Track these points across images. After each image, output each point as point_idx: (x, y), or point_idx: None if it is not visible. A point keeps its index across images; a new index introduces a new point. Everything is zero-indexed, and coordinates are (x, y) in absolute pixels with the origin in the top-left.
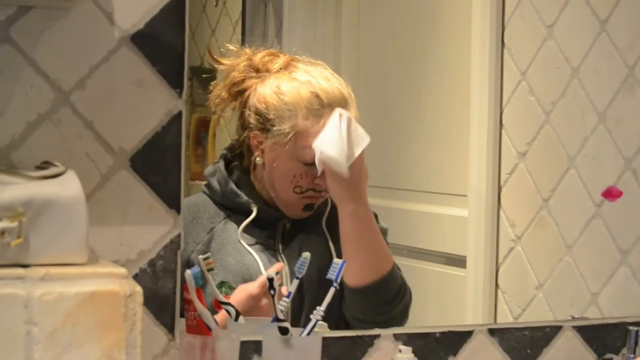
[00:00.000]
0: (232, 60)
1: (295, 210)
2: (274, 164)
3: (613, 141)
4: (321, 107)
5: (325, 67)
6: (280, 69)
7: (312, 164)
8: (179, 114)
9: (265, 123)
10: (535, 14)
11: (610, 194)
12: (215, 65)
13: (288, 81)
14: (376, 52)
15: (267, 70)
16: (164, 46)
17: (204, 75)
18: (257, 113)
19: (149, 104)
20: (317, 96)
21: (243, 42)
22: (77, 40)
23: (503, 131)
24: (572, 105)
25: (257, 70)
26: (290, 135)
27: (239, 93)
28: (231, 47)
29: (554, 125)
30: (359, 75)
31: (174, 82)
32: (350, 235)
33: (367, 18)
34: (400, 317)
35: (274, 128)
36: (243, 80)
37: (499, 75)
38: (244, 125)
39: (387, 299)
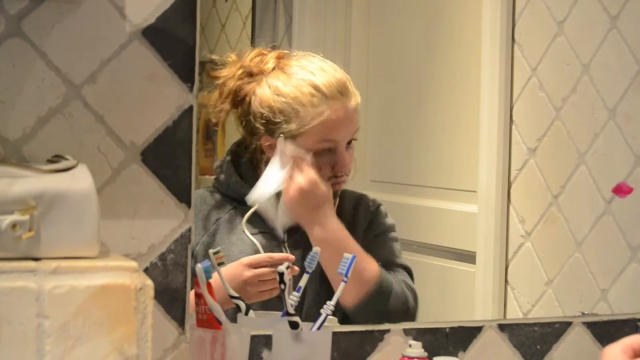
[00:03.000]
0: (227, 70)
1: None
2: None
3: (623, 137)
4: (324, 99)
5: (314, 55)
6: (274, 68)
7: (327, 151)
8: (190, 108)
9: (271, 125)
10: (545, 10)
11: (621, 190)
12: (214, 81)
13: (286, 80)
14: (386, 48)
15: (261, 72)
16: (175, 40)
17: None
18: (263, 117)
19: (160, 98)
20: (317, 89)
21: (253, 38)
22: (88, 34)
23: (513, 127)
24: (583, 101)
25: (251, 74)
26: (299, 133)
27: (239, 101)
28: (214, 56)
29: (564, 121)
30: (369, 70)
31: (185, 76)
32: (324, 260)
33: (377, 13)
34: (409, 319)
35: (283, 126)
36: (240, 88)
37: (509, 71)
38: (252, 131)
39: (383, 310)
